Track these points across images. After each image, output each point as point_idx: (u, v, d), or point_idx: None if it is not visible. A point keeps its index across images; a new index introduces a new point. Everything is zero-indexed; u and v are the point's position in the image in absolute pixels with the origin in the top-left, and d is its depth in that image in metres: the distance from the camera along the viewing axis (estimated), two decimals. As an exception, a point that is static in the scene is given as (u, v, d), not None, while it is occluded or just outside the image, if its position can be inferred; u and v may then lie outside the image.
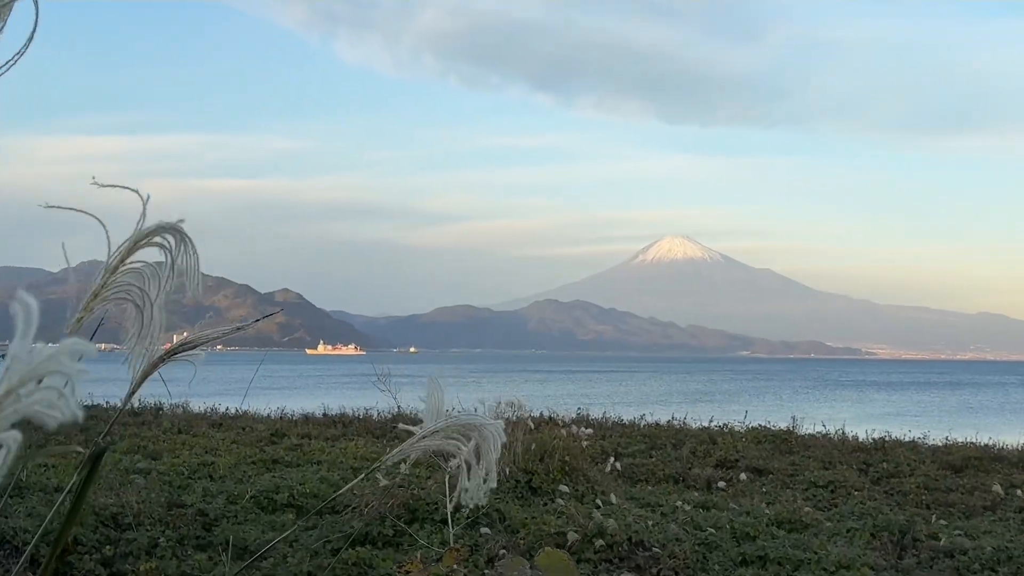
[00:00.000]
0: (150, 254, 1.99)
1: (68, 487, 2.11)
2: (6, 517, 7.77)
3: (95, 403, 17.34)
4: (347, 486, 2.40)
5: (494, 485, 1.97)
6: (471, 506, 1.99)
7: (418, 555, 7.84)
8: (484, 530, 9.15)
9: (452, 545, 7.99)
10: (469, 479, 1.98)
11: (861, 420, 28.71)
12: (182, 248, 1.95)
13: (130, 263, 1.90)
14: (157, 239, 1.93)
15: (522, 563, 2.30)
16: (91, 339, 1.95)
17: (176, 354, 2.04)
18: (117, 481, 10.34)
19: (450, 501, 2.00)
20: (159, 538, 8.45)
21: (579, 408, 23.83)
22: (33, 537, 7.57)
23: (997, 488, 13.36)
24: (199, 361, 2.03)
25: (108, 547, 8.04)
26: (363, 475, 2.39)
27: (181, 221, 1.94)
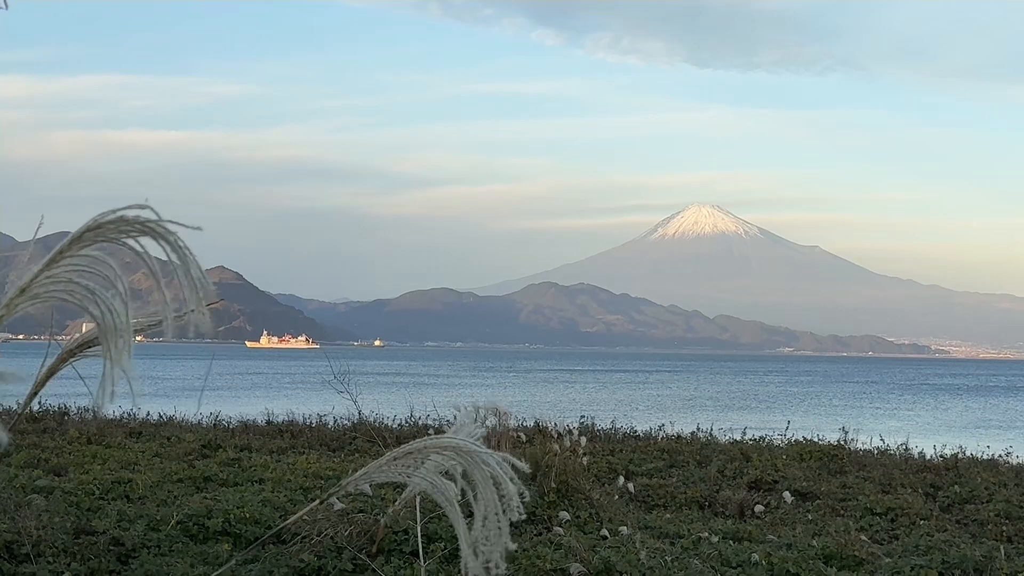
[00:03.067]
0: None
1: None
2: None
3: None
4: (298, 514, 2.38)
5: (511, 545, 1.95)
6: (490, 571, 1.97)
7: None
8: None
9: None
10: (474, 527, 1.96)
11: (928, 433, 28.89)
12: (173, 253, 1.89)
13: (80, 253, 1.85)
14: (128, 240, 1.87)
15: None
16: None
17: (89, 347, 2.04)
18: (12, 502, 10.33)
19: (419, 517, 1.99)
20: (63, 572, 8.45)
21: (582, 417, 23.89)
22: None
23: (1094, 518, 13.42)
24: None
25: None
26: (317, 500, 2.38)
27: (166, 222, 1.87)
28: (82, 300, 1.82)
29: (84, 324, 2.08)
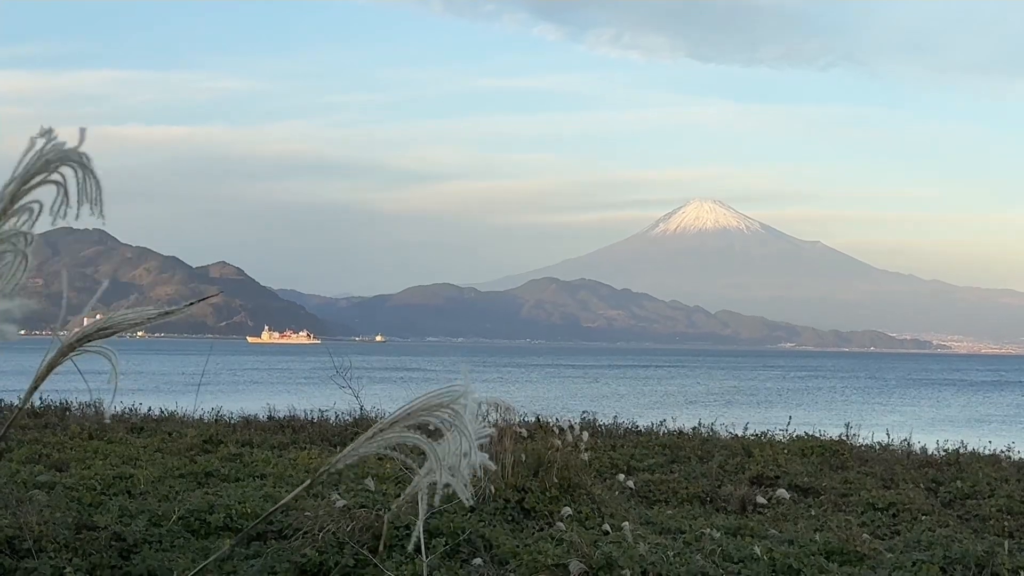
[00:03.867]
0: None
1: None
2: None
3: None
4: (288, 496, 2.37)
5: (487, 461, 1.95)
6: (467, 500, 1.97)
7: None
8: (476, 561, 9.17)
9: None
10: (444, 461, 1.96)
11: (930, 428, 28.88)
12: (85, 178, 1.89)
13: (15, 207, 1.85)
14: (53, 176, 1.87)
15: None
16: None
17: (90, 340, 2.03)
18: (13, 497, 10.34)
19: (422, 512, 1.99)
20: (65, 567, 8.45)
21: (584, 412, 23.90)
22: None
23: (1096, 513, 13.42)
24: (114, 358, 2.01)
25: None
26: (307, 482, 2.37)
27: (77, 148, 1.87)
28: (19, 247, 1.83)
29: (85, 319, 2.08)
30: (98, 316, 2.06)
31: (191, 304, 1.78)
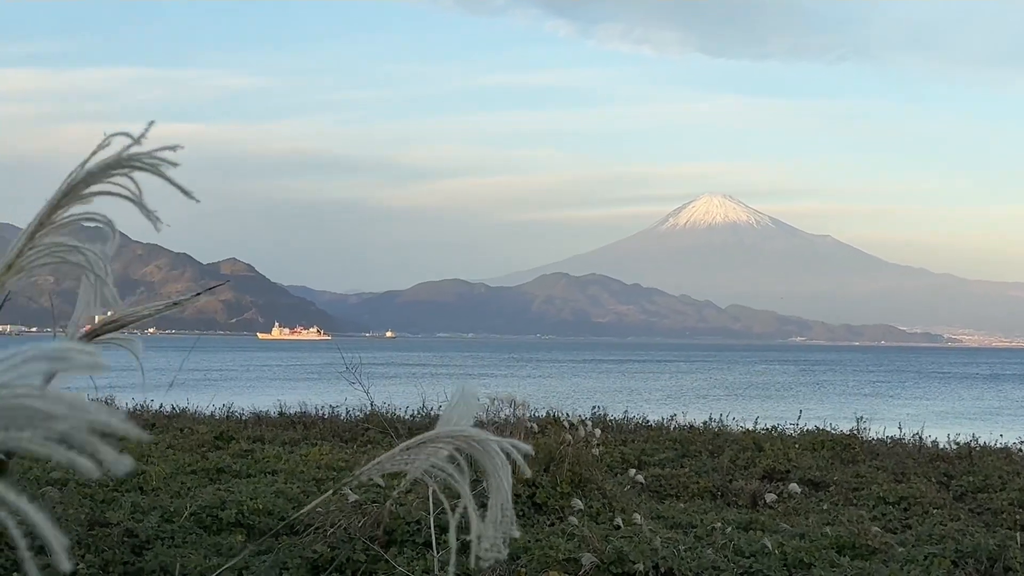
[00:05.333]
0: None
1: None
2: None
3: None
4: (311, 504, 2.37)
5: (515, 532, 1.94)
6: (489, 558, 1.97)
7: (396, 586, 7.87)
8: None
9: (436, 573, 8.03)
10: (480, 519, 1.95)
11: (942, 422, 28.83)
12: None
13: (62, 219, 1.82)
14: (113, 180, 1.81)
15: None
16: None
17: (99, 336, 2.03)
18: (26, 494, 10.35)
19: (452, 556, 1.97)
20: (78, 564, 8.48)
21: (594, 407, 23.90)
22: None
23: (1108, 506, 13.38)
24: (137, 347, 2.01)
25: (15, 575, 8.07)
26: (330, 491, 2.37)
27: (167, 150, 1.78)
28: (65, 256, 1.80)
29: (96, 316, 2.08)
30: (109, 312, 2.06)
31: (199, 295, 1.77)
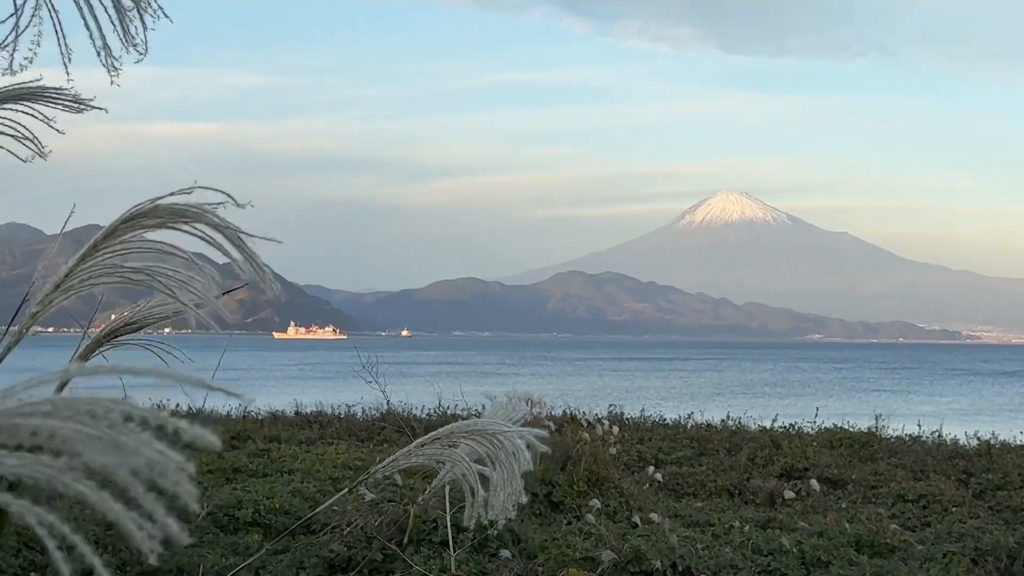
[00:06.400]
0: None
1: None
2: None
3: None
4: (327, 502, 2.38)
5: (523, 499, 1.95)
6: (499, 522, 1.97)
7: (413, 585, 7.87)
8: (504, 552, 9.18)
9: (454, 572, 8.03)
10: (491, 491, 1.97)
11: (961, 419, 28.74)
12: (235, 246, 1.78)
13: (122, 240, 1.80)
14: (182, 225, 1.78)
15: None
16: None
17: (117, 337, 2.04)
18: (44, 495, 10.39)
19: (470, 517, 1.98)
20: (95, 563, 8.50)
21: (611, 405, 23.88)
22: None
23: None
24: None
25: (33, 574, 8.11)
26: (347, 488, 2.37)
27: (219, 205, 1.74)
28: (130, 278, 1.79)
29: (112, 314, 2.09)
30: (125, 312, 2.06)
31: (217, 297, 1.78)
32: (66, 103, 1.86)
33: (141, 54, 1.83)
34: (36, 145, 1.86)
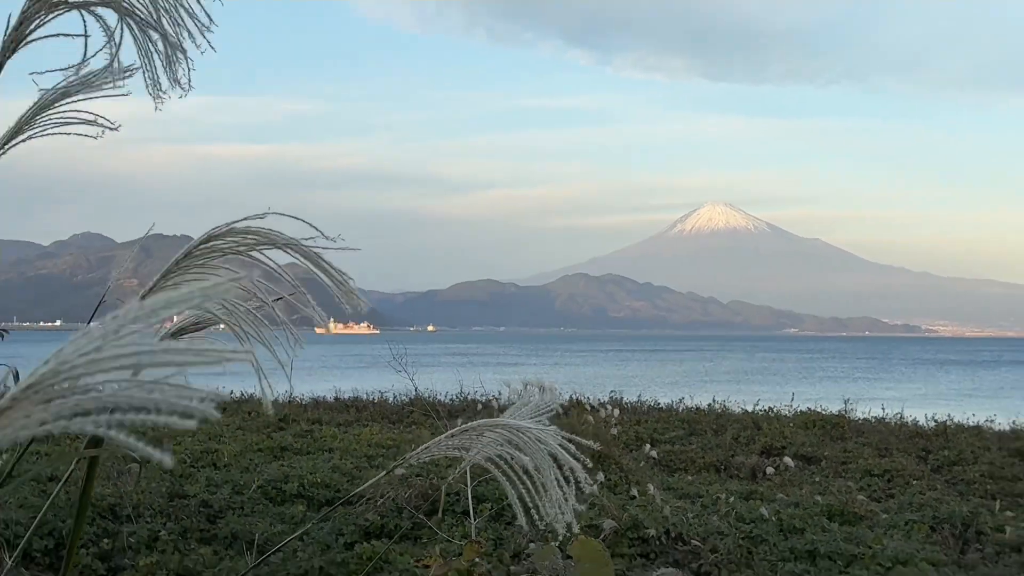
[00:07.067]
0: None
1: (64, 477, 2.13)
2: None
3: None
4: (370, 481, 2.38)
5: (579, 506, 1.94)
6: (561, 528, 1.96)
7: (437, 549, 7.88)
8: (518, 522, 9.18)
9: (473, 538, 8.04)
10: (541, 498, 1.95)
11: (921, 403, 28.61)
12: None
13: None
14: (254, 246, 1.80)
15: (554, 552, 2.36)
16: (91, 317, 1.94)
17: (184, 334, 2.05)
18: (115, 470, 10.43)
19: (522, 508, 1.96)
20: (160, 531, 8.53)
21: (612, 391, 23.84)
22: (26, 530, 7.66)
23: (1069, 477, 13.30)
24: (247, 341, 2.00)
25: (106, 540, 8.13)
26: (384, 472, 2.39)
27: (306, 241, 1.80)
28: (203, 306, 1.80)
29: (175, 316, 2.09)
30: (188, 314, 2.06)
31: (276, 300, 1.80)
32: (106, 92, 1.88)
33: (184, 91, 1.88)
34: (98, 127, 1.88)
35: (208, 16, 1.82)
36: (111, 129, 1.86)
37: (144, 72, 1.85)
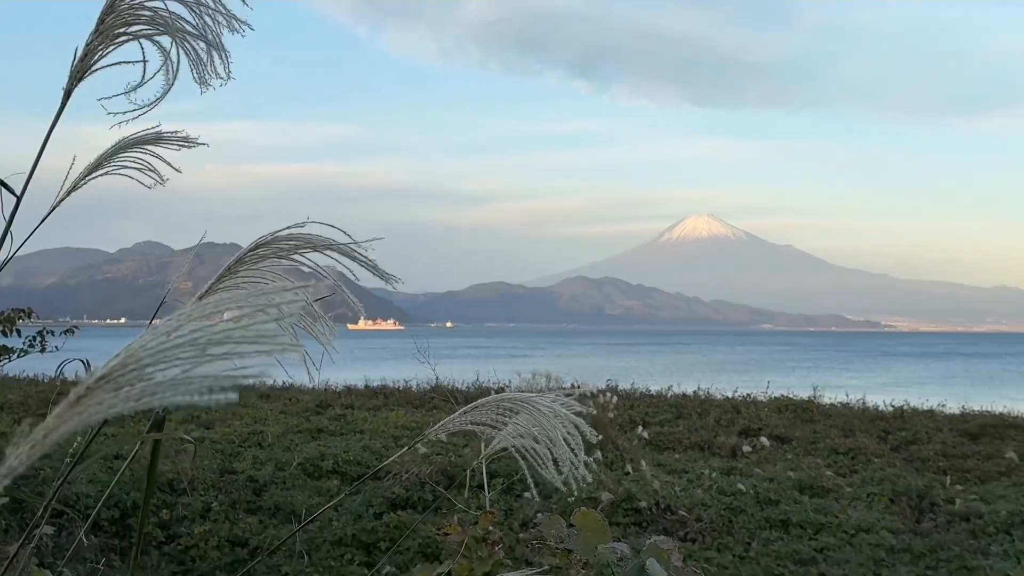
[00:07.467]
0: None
1: (129, 456, 2.13)
2: (69, 483, 7.88)
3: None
4: (393, 457, 2.38)
5: (587, 475, 1.94)
6: (578, 482, 1.96)
7: (455, 518, 7.88)
8: (526, 494, 9.18)
9: (488, 509, 8.03)
10: (555, 462, 1.95)
11: (880, 390, 28.52)
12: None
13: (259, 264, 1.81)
14: (297, 250, 1.81)
15: (560, 521, 2.37)
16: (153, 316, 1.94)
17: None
18: (172, 449, 10.44)
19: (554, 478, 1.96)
20: (212, 503, 8.55)
21: (608, 379, 23.79)
22: (95, 502, 7.69)
23: (1011, 455, 13.26)
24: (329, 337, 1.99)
25: (165, 511, 8.15)
26: (408, 447, 2.38)
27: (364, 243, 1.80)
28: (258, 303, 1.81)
29: (227, 311, 2.08)
30: (236, 311, 2.06)
31: (318, 300, 1.82)
32: (179, 143, 1.92)
33: (224, 80, 1.92)
34: (157, 176, 1.93)
35: (242, 22, 1.86)
36: (164, 178, 1.89)
37: (192, 70, 1.89)
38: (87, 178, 1.83)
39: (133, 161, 1.89)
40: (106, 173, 1.85)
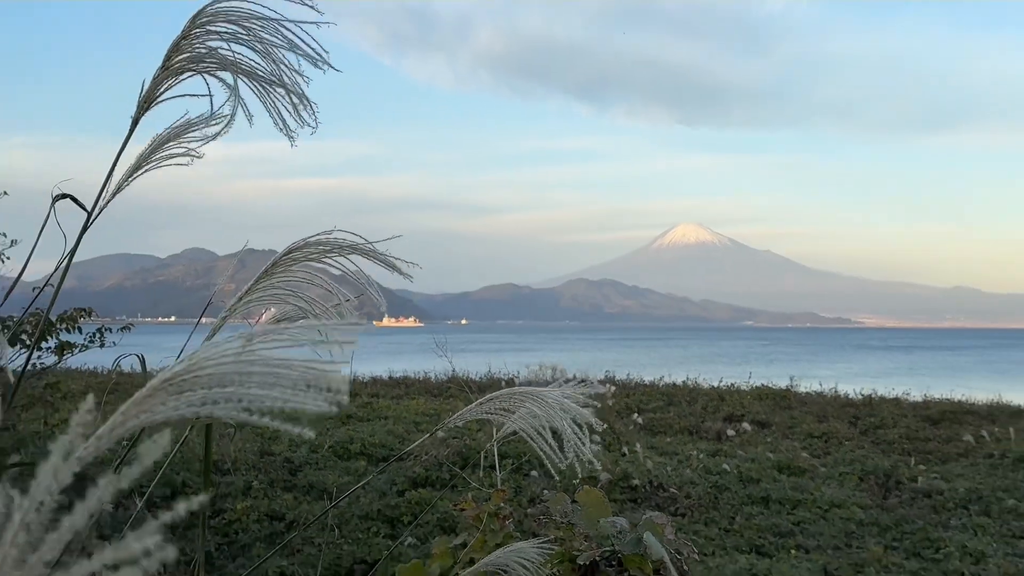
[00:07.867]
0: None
1: (180, 440, 2.14)
2: (128, 464, 7.89)
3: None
4: (417, 442, 2.39)
5: (588, 454, 1.95)
6: (584, 460, 1.96)
7: (470, 495, 7.88)
8: (533, 473, 9.18)
9: (499, 487, 8.03)
10: (564, 444, 1.96)
11: (851, 380, 28.42)
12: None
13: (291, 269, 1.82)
14: (325, 255, 1.81)
15: (564, 498, 2.38)
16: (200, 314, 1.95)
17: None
18: (217, 433, 10.46)
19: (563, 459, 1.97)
20: (252, 481, 8.57)
21: (607, 370, 23.79)
22: (150, 482, 7.71)
23: (968, 438, 13.22)
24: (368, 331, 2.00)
25: (210, 489, 8.17)
26: (428, 435, 2.39)
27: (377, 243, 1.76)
28: (291, 302, 1.82)
29: (264, 312, 2.09)
30: (271, 310, 2.06)
31: (347, 300, 1.83)
32: (202, 137, 1.89)
33: (313, 128, 1.90)
34: (194, 154, 1.89)
35: (322, 59, 1.80)
36: (197, 157, 1.85)
37: (272, 117, 1.86)
38: (131, 178, 1.83)
39: (168, 155, 1.87)
40: (146, 171, 1.84)
